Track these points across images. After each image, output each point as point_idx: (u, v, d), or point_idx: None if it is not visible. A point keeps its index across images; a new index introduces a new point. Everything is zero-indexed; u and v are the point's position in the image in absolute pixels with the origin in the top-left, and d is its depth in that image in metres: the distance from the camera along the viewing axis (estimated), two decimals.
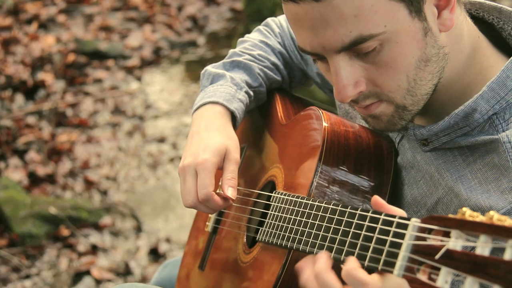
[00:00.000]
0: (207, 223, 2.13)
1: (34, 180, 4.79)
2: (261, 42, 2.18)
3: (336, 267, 1.46)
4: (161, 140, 5.20)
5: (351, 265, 1.39)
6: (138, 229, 4.43)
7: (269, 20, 2.25)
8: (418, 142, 1.71)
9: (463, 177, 1.63)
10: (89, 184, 4.80)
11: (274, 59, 2.15)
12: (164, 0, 6.82)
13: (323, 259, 1.45)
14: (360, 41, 1.48)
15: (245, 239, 1.94)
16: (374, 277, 1.36)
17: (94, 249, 4.27)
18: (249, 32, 2.28)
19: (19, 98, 5.60)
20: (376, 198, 1.46)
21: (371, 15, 1.47)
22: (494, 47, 1.67)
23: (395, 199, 1.77)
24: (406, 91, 1.56)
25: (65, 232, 4.33)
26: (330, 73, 1.59)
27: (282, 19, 2.24)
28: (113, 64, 6.02)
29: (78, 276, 4.11)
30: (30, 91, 5.67)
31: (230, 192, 1.85)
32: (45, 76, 5.80)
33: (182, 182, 1.88)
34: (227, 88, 2.02)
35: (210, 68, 2.11)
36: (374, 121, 1.63)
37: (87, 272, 4.11)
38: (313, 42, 1.53)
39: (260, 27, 2.25)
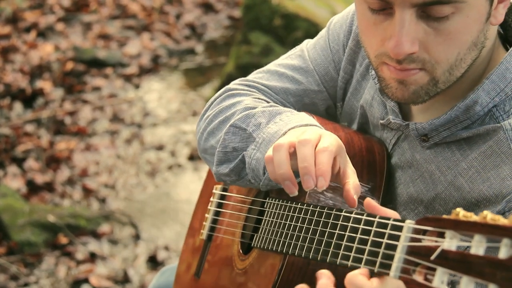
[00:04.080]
0: (201, 231, 2.13)
1: (33, 188, 4.79)
2: (257, 101, 1.97)
3: (337, 273, 1.45)
4: (160, 147, 5.20)
5: (353, 272, 1.38)
6: (137, 237, 4.43)
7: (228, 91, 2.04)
8: (418, 138, 1.71)
9: (461, 170, 1.64)
10: (87, 192, 4.80)
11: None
12: (163, 8, 6.83)
13: (323, 278, 1.43)
14: (443, 0, 1.49)
15: (240, 246, 1.94)
16: (374, 281, 1.36)
17: (92, 257, 4.26)
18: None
19: (18, 106, 5.60)
20: (369, 201, 1.46)
21: None
22: (503, 48, 1.69)
23: (391, 198, 1.77)
24: (449, 66, 1.57)
25: (63, 240, 4.33)
26: (377, 28, 1.58)
27: (238, 85, 2.05)
28: (111, 72, 6.03)
29: (77, 284, 4.11)
30: (29, 99, 5.67)
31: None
32: (44, 84, 5.80)
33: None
34: (305, 115, 1.80)
35: (256, 110, 1.85)
36: (399, 88, 1.61)
37: (86, 280, 4.11)
38: None
39: (228, 101, 1.98)
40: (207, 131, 1.94)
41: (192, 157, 5.06)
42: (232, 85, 2.04)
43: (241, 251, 1.92)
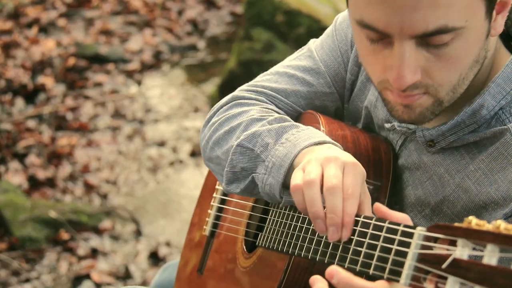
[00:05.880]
0: (204, 227, 2.12)
1: (34, 184, 4.79)
2: (264, 111, 1.91)
3: None
4: (161, 144, 5.20)
5: (343, 274, 1.35)
6: (138, 233, 4.43)
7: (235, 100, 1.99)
8: (424, 144, 1.71)
9: (469, 172, 1.64)
10: (89, 188, 4.80)
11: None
12: (165, 4, 6.82)
13: (318, 283, 1.41)
14: (442, 31, 1.45)
15: (243, 243, 1.94)
16: (380, 283, 1.35)
17: (94, 253, 4.27)
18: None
19: (19, 102, 5.59)
20: (378, 206, 1.45)
21: (461, 8, 1.45)
22: (504, 48, 1.68)
23: (398, 199, 1.77)
24: (452, 87, 1.55)
25: (65, 235, 4.33)
26: (377, 56, 1.55)
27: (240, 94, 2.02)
28: (113, 68, 6.02)
29: (78, 279, 4.12)
30: (30, 95, 5.67)
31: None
32: (45, 80, 5.80)
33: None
34: (310, 130, 1.75)
35: (262, 128, 1.80)
36: (405, 111, 1.59)
37: (87, 276, 4.12)
38: (391, 22, 1.46)
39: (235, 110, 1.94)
40: (212, 140, 1.91)
41: (193, 153, 5.06)
42: (239, 92, 2.00)
43: (245, 249, 1.92)
